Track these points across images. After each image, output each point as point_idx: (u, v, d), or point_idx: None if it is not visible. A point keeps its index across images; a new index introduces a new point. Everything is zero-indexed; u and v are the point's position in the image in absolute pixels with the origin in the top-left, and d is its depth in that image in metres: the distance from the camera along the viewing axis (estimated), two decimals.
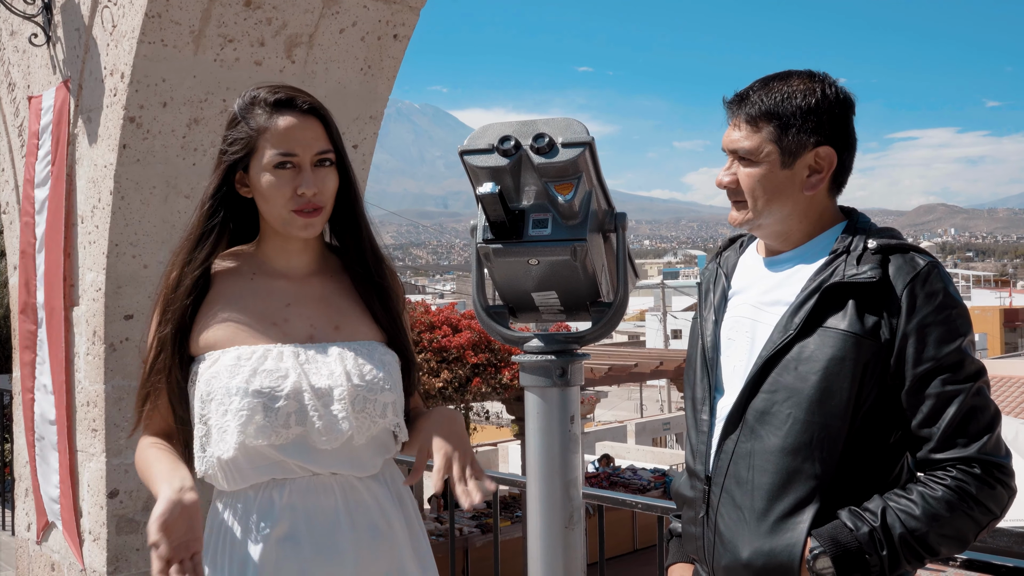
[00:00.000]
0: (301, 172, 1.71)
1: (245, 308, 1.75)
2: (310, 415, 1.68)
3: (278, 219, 1.74)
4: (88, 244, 3.70)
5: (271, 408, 1.66)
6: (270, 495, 1.70)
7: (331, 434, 1.69)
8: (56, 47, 3.92)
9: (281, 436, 1.67)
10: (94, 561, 3.70)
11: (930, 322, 1.54)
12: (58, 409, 3.92)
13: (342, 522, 1.72)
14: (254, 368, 1.68)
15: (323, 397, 1.69)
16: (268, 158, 1.70)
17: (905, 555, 1.51)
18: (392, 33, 3.89)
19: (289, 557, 1.68)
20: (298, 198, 1.71)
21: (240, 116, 1.74)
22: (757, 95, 1.69)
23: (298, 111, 1.73)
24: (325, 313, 1.80)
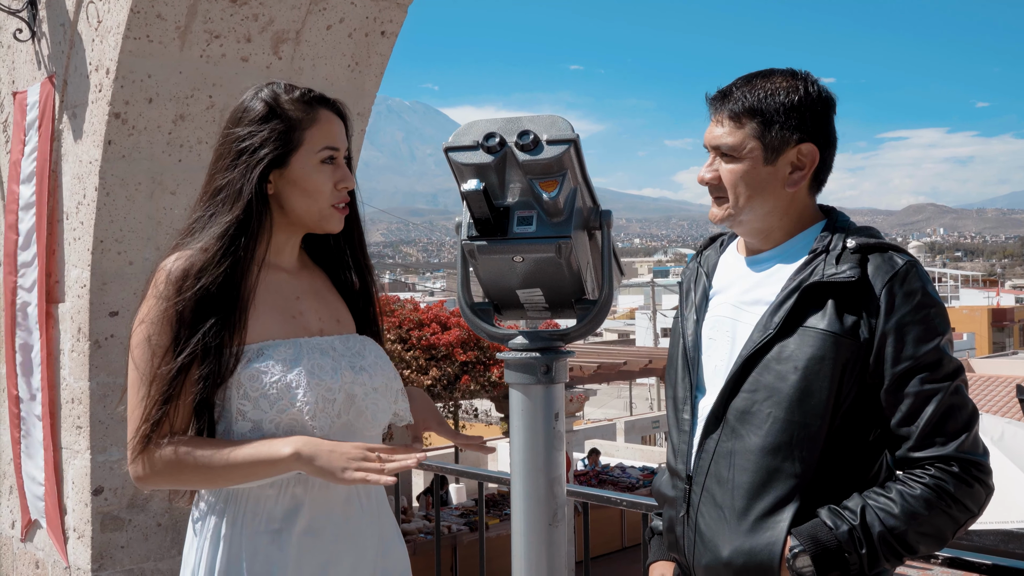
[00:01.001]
0: (339, 168, 1.77)
1: (264, 301, 1.75)
2: (357, 404, 1.74)
3: (317, 213, 1.76)
4: (73, 240, 3.68)
5: (329, 399, 1.70)
6: (293, 491, 1.71)
7: (377, 421, 1.78)
8: (41, 42, 3.89)
9: (335, 425, 1.71)
10: (78, 559, 3.68)
11: (908, 321, 1.55)
12: (42, 406, 3.90)
13: (354, 509, 1.77)
14: (307, 362, 1.70)
15: (363, 386, 1.76)
16: (316, 152, 1.73)
17: (884, 553, 1.52)
18: (380, 30, 3.88)
19: (312, 548, 1.71)
20: (337, 193, 1.76)
21: (278, 111, 1.72)
22: (740, 92, 1.70)
23: (334, 109, 1.79)
24: (325, 307, 1.85)
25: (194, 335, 1.63)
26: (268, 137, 1.71)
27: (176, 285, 1.66)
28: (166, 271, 1.69)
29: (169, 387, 1.63)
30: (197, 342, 1.63)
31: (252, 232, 1.71)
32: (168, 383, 1.63)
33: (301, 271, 1.85)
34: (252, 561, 1.68)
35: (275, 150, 1.71)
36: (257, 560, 1.68)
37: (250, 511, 1.69)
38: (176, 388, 1.63)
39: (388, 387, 1.82)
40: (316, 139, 1.73)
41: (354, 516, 1.77)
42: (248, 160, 1.71)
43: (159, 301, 1.67)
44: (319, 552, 1.71)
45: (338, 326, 1.83)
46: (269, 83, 1.78)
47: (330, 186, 1.75)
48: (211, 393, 1.66)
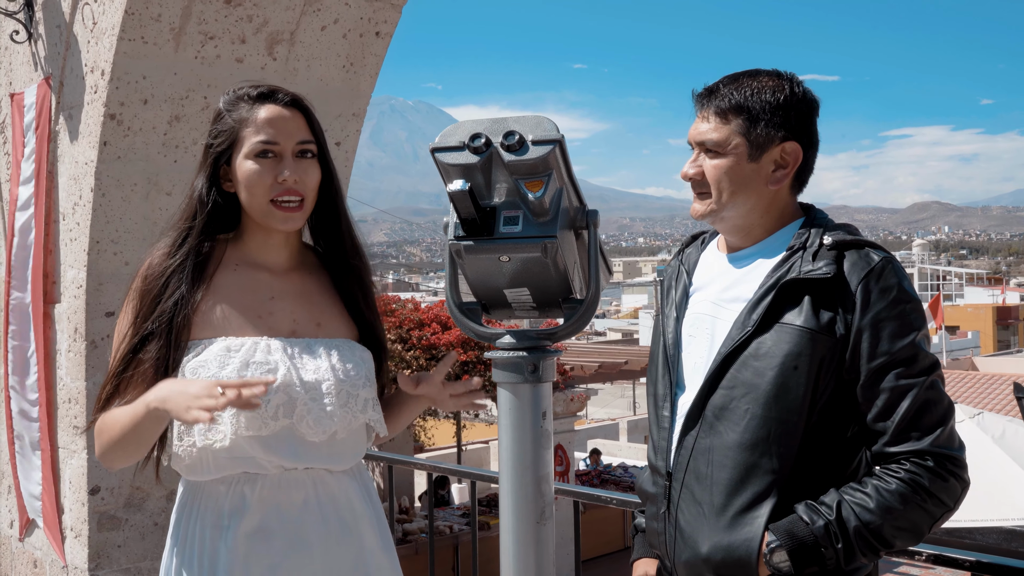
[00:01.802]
0: (282, 161, 1.75)
1: (230, 299, 1.76)
2: (299, 408, 1.72)
3: (259, 211, 1.76)
4: (69, 241, 3.70)
5: (262, 400, 1.67)
6: (241, 490, 1.72)
7: (320, 427, 1.74)
8: (38, 44, 3.91)
9: (269, 427, 1.70)
10: (75, 558, 3.70)
11: (884, 317, 1.56)
12: (39, 406, 3.92)
13: (312, 515, 1.75)
14: (245, 360, 1.70)
15: (311, 391, 1.74)
16: (249, 146, 1.73)
17: (860, 547, 1.53)
18: (374, 30, 3.89)
19: (259, 551, 1.70)
20: (278, 185, 1.74)
21: (224, 110, 1.77)
22: (727, 89, 1.72)
23: (280, 102, 1.77)
24: (306, 309, 1.84)
25: (148, 318, 1.72)
26: (216, 136, 1.77)
27: (140, 277, 1.77)
28: (140, 271, 1.79)
29: (122, 364, 1.73)
30: (152, 323, 1.71)
31: (200, 228, 1.77)
32: (121, 361, 1.74)
33: (290, 272, 1.85)
34: (201, 553, 1.71)
35: (219, 147, 1.76)
36: (205, 553, 1.71)
37: (202, 505, 1.73)
38: (127, 364, 1.73)
39: (348, 394, 1.78)
40: (251, 133, 1.74)
41: (310, 525, 1.74)
42: (203, 159, 1.79)
43: (129, 292, 1.79)
44: (267, 556, 1.70)
45: (316, 329, 1.82)
46: (241, 83, 1.83)
47: (268, 179, 1.74)
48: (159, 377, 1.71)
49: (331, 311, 1.87)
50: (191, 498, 1.75)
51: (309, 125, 1.80)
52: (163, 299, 1.71)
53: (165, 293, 1.72)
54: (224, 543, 1.69)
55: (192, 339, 1.72)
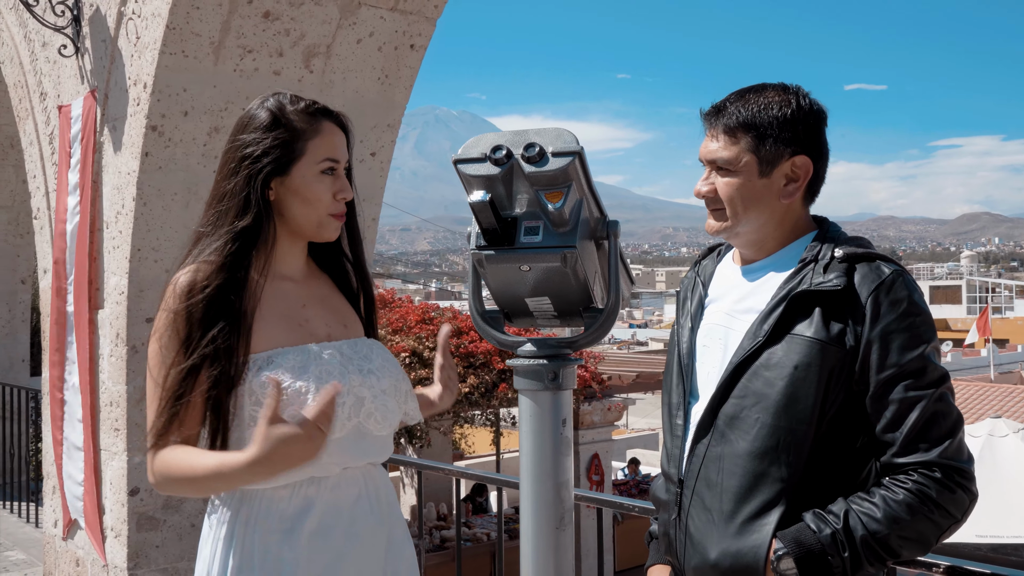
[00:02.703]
0: (339, 178, 1.82)
1: (271, 309, 1.79)
2: (366, 406, 1.79)
3: (315, 222, 1.81)
4: (112, 249, 3.81)
5: (339, 403, 1.73)
6: (305, 492, 1.76)
7: (387, 422, 1.83)
8: (84, 58, 4.04)
9: (344, 428, 1.75)
10: (115, 557, 3.80)
11: (893, 329, 1.57)
12: (83, 409, 4.04)
13: (363, 508, 1.82)
14: (315, 367, 1.74)
15: (372, 388, 1.81)
16: (318, 162, 1.78)
17: (867, 556, 1.54)
18: (408, 43, 3.97)
19: (321, 549, 1.75)
20: (337, 203, 1.81)
21: (283, 121, 1.77)
22: (734, 107, 1.74)
23: (336, 120, 1.84)
24: (331, 313, 1.90)
25: (203, 337, 1.68)
26: (272, 145, 1.76)
27: (183, 297, 1.71)
28: (174, 284, 1.74)
29: (179, 387, 1.68)
30: (207, 344, 1.68)
31: (255, 239, 1.76)
32: (178, 383, 1.68)
33: (308, 279, 1.90)
34: (263, 560, 1.72)
35: (278, 158, 1.76)
36: (268, 560, 1.72)
37: (263, 510, 1.74)
38: (186, 388, 1.68)
39: (396, 388, 1.87)
40: (318, 150, 1.78)
41: (361, 517, 1.81)
42: (251, 167, 1.76)
43: (167, 313, 1.73)
44: (327, 552, 1.75)
45: (345, 331, 1.88)
46: (275, 93, 1.83)
47: (329, 196, 1.80)
48: (222, 397, 1.70)
49: (348, 312, 1.95)
50: (247, 507, 1.74)
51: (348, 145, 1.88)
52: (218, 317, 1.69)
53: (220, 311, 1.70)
54: (289, 546, 1.72)
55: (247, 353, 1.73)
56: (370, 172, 4.11)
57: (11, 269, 8.44)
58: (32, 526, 6.80)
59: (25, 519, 6.96)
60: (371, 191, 4.13)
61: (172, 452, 1.69)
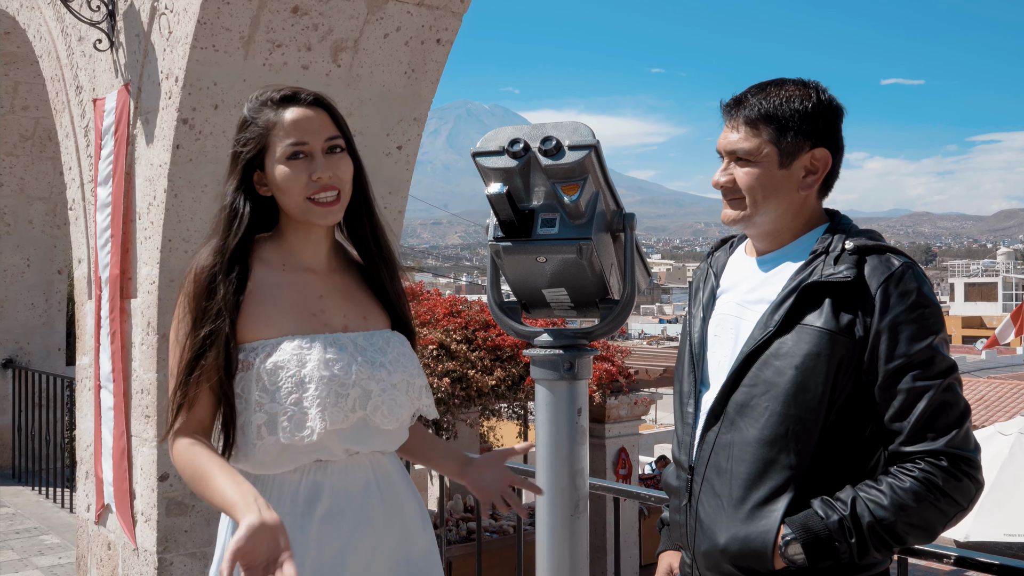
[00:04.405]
0: (314, 159, 1.81)
1: (284, 298, 1.83)
2: (373, 399, 1.80)
3: (298, 209, 1.83)
4: (144, 239, 3.89)
5: (342, 394, 1.76)
6: (314, 477, 1.79)
7: (393, 416, 1.82)
8: (119, 52, 4.12)
9: (348, 420, 1.77)
10: (145, 541, 3.89)
11: (902, 320, 1.60)
12: (116, 396, 4.13)
13: (373, 494, 1.84)
14: (321, 356, 1.77)
15: (381, 382, 1.81)
16: (281, 150, 1.80)
17: (873, 543, 1.57)
18: (435, 38, 4.01)
19: (331, 534, 1.78)
20: (313, 184, 1.80)
21: (250, 118, 1.84)
22: (756, 99, 1.77)
23: (303, 103, 1.83)
24: (352, 305, 1.91)
25: (207, 321, 1.76)
26: (245, 143, 1.83)
27: (195, 283, 1.80)
28: (191, 271, 1.83)
29: (187, 371, 1.76)
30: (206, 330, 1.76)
31: (238, 232, 1.82)
32: (188, 368, 1.76)
33: (332, 271, 1.93)
34: None
35: (249, 154, 1.82)
36: None
37: (275, 494, 1.78)
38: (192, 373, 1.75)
39: (408, 383, 1.87)
40: (280, 137, 1.80)
41: (372, 503, 1.83)
42: (232, 166, 1.85)
43: (184, 298, 1.82)
44: (338, 537, 1.78)
45: (364, 323, 1.90)
46: (261, 89, 1.88)
47: (303, 180, 1.80)
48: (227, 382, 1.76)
49: (371, 305, 1.95)
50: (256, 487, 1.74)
51: (334, 121, 1.86)
52: (212, 304, 1.78)
53: (215, 297, 1.78)
54: (299, 530, 1.76)
55: (256, 339, 1.78)
56: (396, 165, 4.16)
57: (48, 259, 8.60)
58: (66, 511, 6.94)
59: (60, 504, 7.11)
60: (397, 184, 4.18)
61: (189, 449, 1.74)
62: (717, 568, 1.69)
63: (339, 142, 1.84)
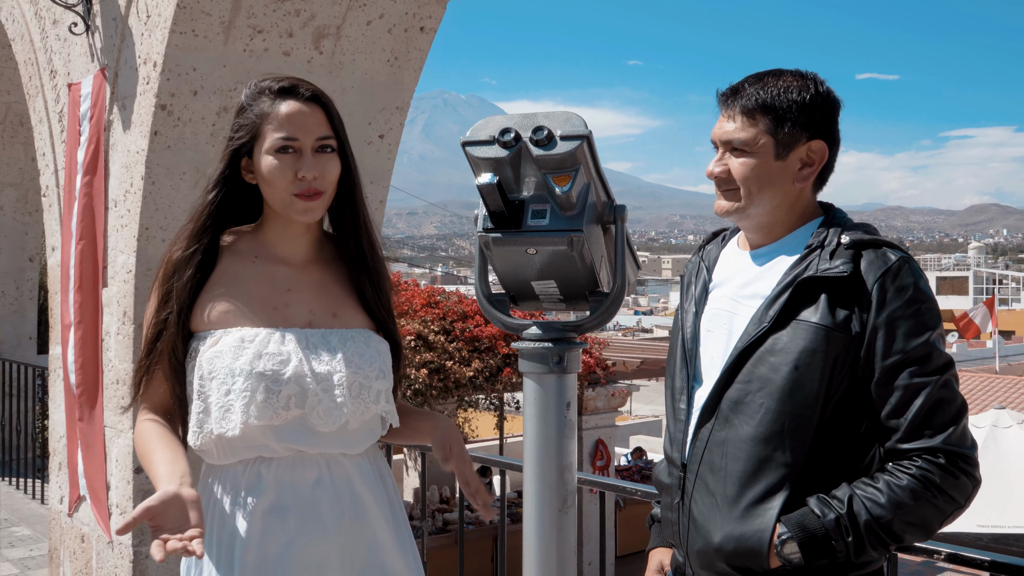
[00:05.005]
0: (302, 156, 1.78)
1: (247, 290, 1.81)
2: (310, 399, 1.76)
3: (280, 202, 1.80)
4: (120, 228, 3.82)
5: (273, 390, 1.73)
6: (258, 470, 1.77)
7: (330, 418, 1.77)
8: (95, 36, 4.04)
9: (280, 418, 1.74)
10: None
11: (899, 316, 1.58)
12: (89, 387, 4.06)
13: (325, 493, 1.79)
14: (258, 351, 1.74)
15: (323, 382, 1.77)
16: (270, 142, 1.77)
17: (870, 541, 1.55)
18: (419, 25, 3.96)
19: (274, 529, 1.75)
20: (299, 182, 1.77)
21: (246, 105, 1.81)
22: (753, 88, 1.74)
23: (300, 98, 1.80)
24: (323, 300, 1.87)
25: (163, 308, 1.80)
26: (237, 129, 1.81)
27: (163, 269, 1.83)
28: (166, 254, 1.85)
29: (147, 349, 1.81)
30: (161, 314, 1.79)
31: (224, 216, 1.83)
32: (147, 346, 1.81)
33: (308, 264, 1.89)
34: (220, 533, 1.75)
35: (239, 140, 1.80)
36: (224, 533, 1.75)
37: (221, 485, 1.78)
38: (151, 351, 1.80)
39: (360, 386, 1.81)
40: (272, 129, 1.78)
41: (323, 502, 1.78)
42: (224, 149, 1.84)
43: (155, 284, 1.85)
44: (283, 533, 1.74)
45: (333, 320, 1.85)
46: (262, 77, 1.85)
47: (289, 175, 1.77)
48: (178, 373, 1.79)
49: (348, 302, 1.90)
50: (210, 479, 1.80)
51: (329, 119, 1.83)
52: (171, 289, 1.79)
53: (177, 283, 1.78)
54: (241, 521, 1.74)
55: (209, 329, 1.78)
56: (378, 154, 4.11)
57: (19, 247, 8.47)
58: (37, 502, 6.85)
59: (31, 495, 7.01)
60: (379, 173, 4.13)
61: (142, 425, 1.81)
62: (711, 567, 1.67)
63: (330, 143, 1.82)
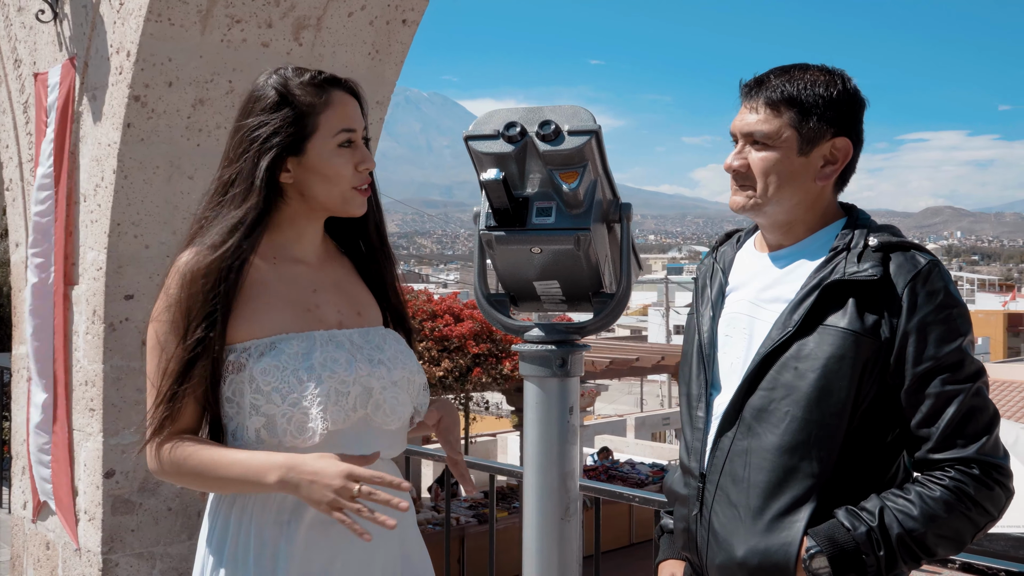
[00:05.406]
0: (358, 149, 1.73)
1: (277, 294, 1.71)
2: (374, 397, 1.70)
3: (339, 198, 1.72)
4: (90, 223, 3.69)
5: (342, 392, 1.66)
6: None
7: (395, 415, 1.74)
8: (63, 24, 3.89)
9: (349, 420, 1.67)
10: (89, 541, 3.69)
11: (931, 321, 1.53)
12: (56, 388, 3.91)
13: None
14: (319, 355, 1.67)
15: (382, 380, 1.72)
16: (334, 136, 1.69)
17: (902, 555, 1.50)
18: (401, 18, 3.86)
19: (318, 544, 1.68)
20: (358, 175, 1.72)
21: (286, 97, 1.68)
22: (779, 80, 1.68)
23: (346, 89, 1.74)
24: (345, 299, 1.81)
25: (198, 329, 1.62)
26: (280, 125, 1.67)
27: (188, 286, 1.65)
28: (179, 271, 1.67)
29: (176, 381, 1.63)
30: (202, 336, 1.62)
31: (262, 225, 1.69)
32: (176, 377, 1.63)
33: (324, 263, 1.81)
34: (260, 552, 1.65)
35: (288, 138, 1.67)
36: (265, 552, 1.65)
37: (260, 501, 1.67)
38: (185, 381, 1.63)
39: (409, 381, 1.78)
40: (332, 122, 1.69)
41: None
42: (259, 149, 1.67)
43: (167, 299, 1.67)
44: (327, 547, 1.68)
45: (359, 319, 1.79)
46: (278, 69, 1.74)
47: (351, 169, 1.71)
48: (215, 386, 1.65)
49: (364, 299, 1.85)
50: (243, 495, 1.68)
51: (362, 111, 1.78)
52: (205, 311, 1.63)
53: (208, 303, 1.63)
54: (286, 538, 1.66)
55: (249, 339, 1.66)
56: None
57: None
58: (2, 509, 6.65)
59: None
60: None
61: (192, 446, 1.64)
62: None
63: (367, 134, 1.76)
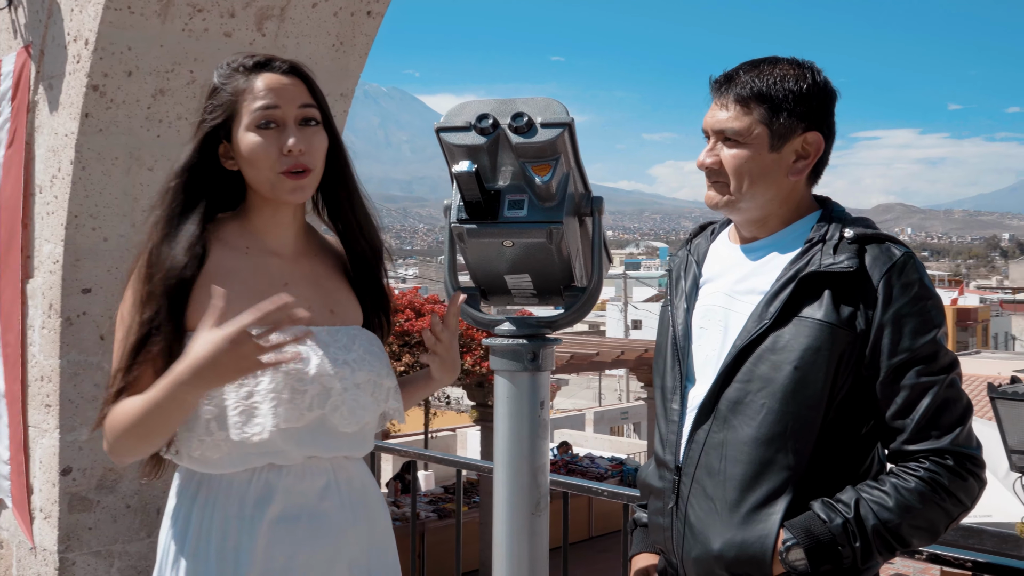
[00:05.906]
0: (286, 130, 1.66)
1: (245, 285, 1.68)
2: (332, 398, 1.66)
3: (266, 184, 1.67)
4: (46, 215, 3.60)
5: (299, 390, 1.62)
6: (266, 478, 1.66)
7: (354, 417, 1.69)
8: (17, 11, 3.80)
9: (304, 419, 1.64)
10: (45, 540, 3.62)
11: (906, 313, 1.54)
12: (10, 384, 3.83)
13: (332, 500, 1.71)
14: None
15: (344, 380, 1.68)
16: (250, 117, 1.64)
17: (878, 546, 1.51)
18: (366, 9, 3.82)
19: (282, 538, 1.65)
20: (285, 158, 1.65)
21: (219, 84, 1.68)
22: (748, 76, 1.68)
23: (277, 70, 1.69)
24: (318, 295, 1.77)
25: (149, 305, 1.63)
26: (212, 110, 1.67)
27: (144, 260, 1.67)
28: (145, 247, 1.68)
29: (131, 356, 1.63)
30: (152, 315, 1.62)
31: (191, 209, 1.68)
32: (131, 352, 1.63)
33: (299, 256, 1.78)
34: (221, 546, 1.63)
35: (214, 120, 1.67)
36: (227, 545, 1.63)
37: (222, 495, 1.65)
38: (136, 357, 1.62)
39: (375, 384, 1.74)
40: (250, 104, 1.66)
41: (330, 510, 1.70)
42: (196, 135, 1.69)
43: (133, 280, 1.68)
44: (290, 543, 1.65)
45: (330, 316, 1.76)
46: (234, 55, 1.74)
47: (274, 151, 1.65)
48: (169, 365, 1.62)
49: (340, 296, 1.81)
50: (205, 490, 1.66)
51: (310, 91, 1.72)
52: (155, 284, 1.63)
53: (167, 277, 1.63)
54: (247, 533, 1.63)
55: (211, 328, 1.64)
56: None
57: None
58: None
59: None
60: None
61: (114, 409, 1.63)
62: (710, 574, 1.61)
63: (314, 113, 1.69)
